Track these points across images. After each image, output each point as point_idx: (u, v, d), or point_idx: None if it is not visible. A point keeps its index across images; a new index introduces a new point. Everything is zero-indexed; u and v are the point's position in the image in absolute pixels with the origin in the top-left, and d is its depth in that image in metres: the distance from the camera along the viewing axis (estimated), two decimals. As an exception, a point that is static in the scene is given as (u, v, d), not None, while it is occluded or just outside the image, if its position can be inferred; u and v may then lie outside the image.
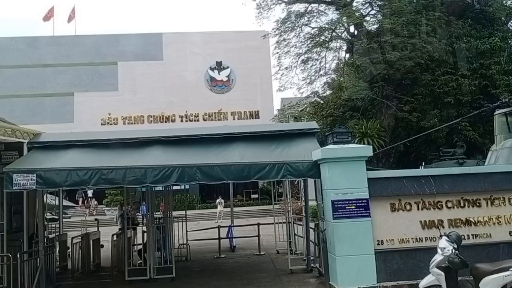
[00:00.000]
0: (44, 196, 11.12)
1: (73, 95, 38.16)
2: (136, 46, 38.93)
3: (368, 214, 8.00)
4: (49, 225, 13.05)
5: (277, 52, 20.51)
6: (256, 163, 8.76)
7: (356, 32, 18.44)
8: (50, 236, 12.08)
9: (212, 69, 39.30)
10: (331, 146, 8.36)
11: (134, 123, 37.84)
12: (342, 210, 7.99)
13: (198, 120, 38.08)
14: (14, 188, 8.20)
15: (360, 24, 17.64)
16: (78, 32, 43.09)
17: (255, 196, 39.18)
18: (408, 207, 8.26)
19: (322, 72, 20.19)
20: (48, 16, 41.30)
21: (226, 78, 39.38)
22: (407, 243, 8.15)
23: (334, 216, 8.00)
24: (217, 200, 30.23)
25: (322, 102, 20.91)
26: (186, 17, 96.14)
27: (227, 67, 39.39)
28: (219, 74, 39.37)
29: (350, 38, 18.76)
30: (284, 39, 20.06)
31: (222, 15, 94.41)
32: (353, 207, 7.99)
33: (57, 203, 17.08)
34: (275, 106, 39.26)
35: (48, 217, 12.84)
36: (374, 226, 8.05)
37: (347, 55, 19.93)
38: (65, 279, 11.11)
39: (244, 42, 38.83)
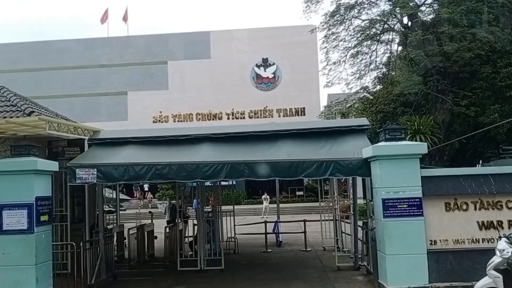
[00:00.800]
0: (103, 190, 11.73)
1: (127, 94, 39.55)
2: (185, 45, 39.75)
3: (421, 213, 7.88)
4: (107, 217, 13.75)
5: (325, 47, 20.25)
6: (303, 161, 8.79)
7: (410, 23, 17.89)
8: (109, 227, 12.72)
9: (258, 66, 39.51)
10: (383, 143, 8.26)
11: (183, 121, 38.76)
12: (393, 209, 7.91)
13: (244, 118, 38.49)
14: (77, 182, 8.73)
15: (415, 14, 17.05)
16: (131, 32, 44.54)
17: (300, 193, 39.14)
18: (464, 206, 8.06)
19: (372, 66, 19.79)
20: (104, 18, 43.02)
21: (272, 75, 39.46)
22: (462, 243, 7.97)
23: (385, 214, 7.94)
24: (263, 196, 30.53)
25: (371, 97, 20.47)
26: (232, 13, 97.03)
27: (273, 64, 39.45)
28: (265, 71, 39.51)
29: (403, 30, 18.23)
30: (332, 33, 19.76)
31: (268, 11, 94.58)
32: (405, 206, 7.90)
33: (113, 196, 17.94)
34: (321, 103, 39.08)
35: (105, 209, 13.51)
36: (427, 225, 7.91)
37: (400, 48, 19.37)
38: (122, 267, 11.71)
39: (291, 37, 38.67)
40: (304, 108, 38.42)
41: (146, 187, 39.64)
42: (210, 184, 13.42)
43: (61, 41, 40.62)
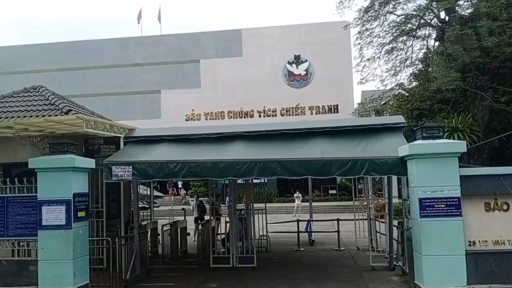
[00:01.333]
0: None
1: (160, 93, 40.15)
2: (217, 43, 39.98)
3: (459, 213, 7.67)
4: (141, 213, 13.99)
5: (359, 43, 19.92)
6: (337, 159, 8.67)
7: (447, 18, 17.37)
8: (143, 223, 12.94)
9: (290, 63, 39.31)
10: (420, 141, 8.06)
11: (215, 119, 39.05)
12: (430, 209, 7.73)
13: (275, 115, 38.39)
14: (113, 178, 8.90)
15: (452, 9, 16.51)
16: (164, 31, 45.18)
17: (333, 191, 38.79)
18: (505, 206, 7.80)
19: (408, 62, 19.31)
20: (139, 18, 43.84)
21: (304, 72, 39.17)
22: (502, 245, 7.73)
23: (422, 214, 7.76)
24: (295, 194, 30.40)
25: (407, 94, 20.02)
26: (264, 10, 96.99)
27: (305, 61, 39.15)
28: (297, 68, 39.25)
29: (440, 24, 17.70)
30: (366, 29, 19.42)
31: (301, 7, 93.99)
32: (442, 205, 7.70)
33: (147, 193, 18.24)
34: (355, 100, 38.58)
35: (139, 205, 13.75)
36: (465, 226, 7.70)
37: (437, 43, 18.83)
38: (156, 263, 11.89)
39: (323, 34, 38.29)
40: (337, 105, 37.99)
41: (179, 184, 40.32)
42: (242, 182, 13.46)
43: (96, 40, 41.60)
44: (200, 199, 18.70)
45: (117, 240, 9.54)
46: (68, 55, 40.54)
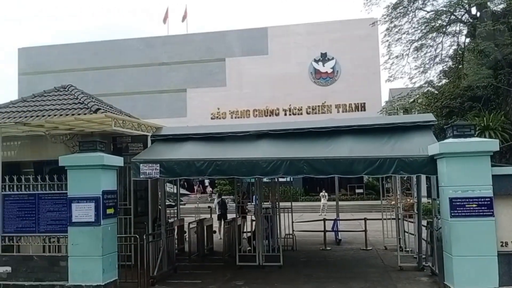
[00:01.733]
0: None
1: (186, 91, 40.45)
2: (243, 42, 39.97)
3: (491, 213, 7.47)
4: (168, 211, 14.14)
5: (387, 40, 19.63)
6: (365, 158, 8.57)
7: (478, 14, 16.94)
8: (169, 220, 13.07)
9: (316, 61, 38.96)
10: (450, 140, 7.88)
11: (241, 117, 39.05)
12: (461, 209, 7.55)
13: (301, 114, 38.12)
14: (141, 176, 9.03)
15: (484, 4, 16.06)
16: (190, 30, 45.47)
17: (360, 191, 38.36)
18: (539, 206, 7.55)
19: (437, 59, 18.87)
20: (166, 17, 44.28)
21: (331, 70, 38.77)
22: (536, 245, 7.49)
23: (452, 214, 7.59)
24: (321, 193, 30.19)
25: (436, 92, 19.62)
26: (290, 8, 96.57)
27: (332, 58, 38.74)
28: (323, 66, 38.87)
29: (471, 20, 17.26)
30: (395, 26, 19.13)
31: (327, 5, 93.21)
32: (474, 205, 7.51)
33: (173, 191, 18.43)
34: (382, 98, 37.99)
35: (166, 203, 13.90)
36: (497, 226, 7.50)
37: (468, 40, 18.39)
38: (183, 260, 12.00)
39: (350, 31, 37.79)
40: (364, 103, 37.47)
41: (206, 182, 40.66)
42: (267, 181, 13.44)
43: (123, 40, 42.18)
44: (222, 197, 18.77)
45: (144, 237, 9.64)
46: (96, 55, 41.26)
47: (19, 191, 8.72)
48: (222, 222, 15.09)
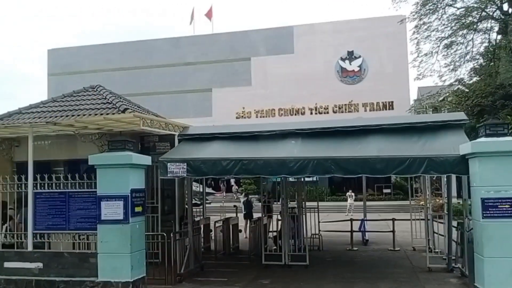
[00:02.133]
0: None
1: (211, 91, 40.68)
2: (268, 41, 39.92)
3: (525, 214, 7.23)
4: (194, 209, 14.24)
5: (416, 38, 19.39)
6: (394, 157, 8.44)
7: (510, 10, 16.50)
8: (196, 219, 13.15)
9: (343, 59, 38.57)
10: (483, 139, 7.65)
11: (266, 116, 39.01)
12: (494, 209, 7.32)
13: (327, 113, 37.82)
14: (168, 175, 9.12)
15: (516, 0, 15.70)
16: (215, 29, 45.62)
17: (387, 191, 37.80)
18: None
19: (468, 57, 18.53)
20: (192, 18, 44.67)
21: (358, 68, 38.31)
22: None
23: (484, 215, 7.37)
24: (347, 193, 29.90)
25: (467, 90, 19.17)
26: (316, 5, 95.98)
27: (359, 57, 38.27)
28: (350, 64, 38.44)
29: (503, 17, 16.82)
30: (424, 23, 18.86)
31: (353, 2, 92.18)
32: (507, 206, 7.28)
33: (199, 189, 18.52)
34: (411, 97, 37.35)
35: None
36: (531, 227, 7.26)
37: (499, 37, 17.91)
38: (209, 258, 12.05)
39: (378, 29, 37.27)
40: (392, 102, 36.88)
41: (232, 181, 40.85)
42: (293, 180, 13.39)
43: (149, 40, 42.71)
44: (248, 196, 18.81)
45: (172, 235, 9.73)
46: (123, 55, 41.92)
47: (50, 189, 8.90)
48: (248, 221, 15.12)
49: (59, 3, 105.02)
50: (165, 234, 9.69)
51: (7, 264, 8.71)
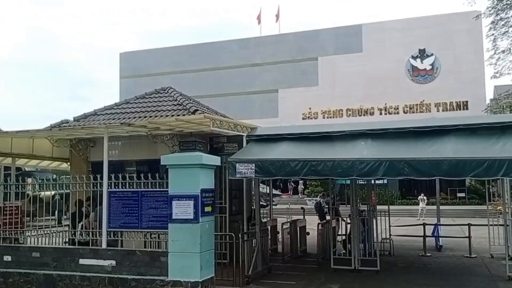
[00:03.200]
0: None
1: (277, 92, 40.65)
2: (336, 40, 39.19)
3: None
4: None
5: (492, 34, 18.23)
6: (472, 159, 8.03)
7: None
8: (263, 220, 13.16)
9: (414, 57, 36.95)
10: None
11: (333, 117, 38.29)
12: None
13: (398, 113, 36.39)
14: (237, 176, 9.18)
15: None
16: (283, 30, 45.59)
17: (462, 194, 35.88)
18: None
19: (552, 53, 17.21)
20: (259, 18, 45.01)
21: (430, 67, 36.53)
22: None
23: None
24: (419, 197, 28.65)
25: (549, 89, 17.79)
26: (385, 2, 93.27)
27: (431, 55, 36.48)
28: (421, 63, 36.74)
29: None
30: (501, 18, 17.72)
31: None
32: None
33: (266, 191, 18.55)
34: (487, 96, 35.12)
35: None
36: None
37: None
38: (276, 260, 12.00)
39: (451, 25, 35.37)
40: (466, 101, 34.82)
41: (301, 183, 40.80)
42: (362, 182, 13.04)
43: (217, 42, 43.45)
44: (319, 199, 18.58)
45: (240, 236, 9.77)
46: (191, 57, 42.95)
47: (123, 188, 9.18)
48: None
49: (125, 7, 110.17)
50: (233, 235, 9.75)
51: (82, 261, 9.04)
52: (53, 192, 11.10)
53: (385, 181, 31.63)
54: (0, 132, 12.27)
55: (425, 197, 28.20)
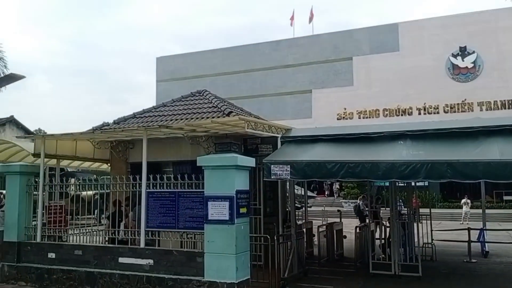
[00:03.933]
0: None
1: (311, 92, 40.24)
2: (371, 39, 38.44)
3: None
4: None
5: (540, 30, 17.43)
6: (522, 161, 7.51)
7: None
8: (298, 223, 12.95)
9: (454, 55, 35.72)
10: None
11: (369, 117, 37.52)
12: None
13: (438, 113, 35.22)
14: (271, 177, 9.04)
15: None
16: (316, 30, 45.16)
17: (509, 197, 34.34)
18: None
19: None
20: (292, 20, 44.82)
21: (472, 65, 35.21)
22: None
23: None
24: (463, 200, 27.50)
25: None
26: (422, 1, 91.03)
27: (473, 52, 35.16)
28: (462, 61, 35.45)
29: None
30: (549, 13, 16.91)
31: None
32: None
33: (300, 192, 18.31)
34: (536, 94, 33.51)
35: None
36: None
37: None
38: (312, 264, 11.79)
39: (493, 22, 34.02)
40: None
41: (337, 185, 40.40)
42: (402, 185, 12.64)
43: (250, 45, 43.47)
44: (358, 201, 18.19)
45: (275, 238, 9.63)
46: (224, 60, 43.17)
47: (161, 189, 9.26)
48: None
49: (160, 13, 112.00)
50: (268, 236, 9.62)
51: (121, 260, 9.21)
52: (93, 192, 11.37)
53: (426, 183, 30.71)
54: (47, 135, 12.70)
55: (468, 200, 27.06)
